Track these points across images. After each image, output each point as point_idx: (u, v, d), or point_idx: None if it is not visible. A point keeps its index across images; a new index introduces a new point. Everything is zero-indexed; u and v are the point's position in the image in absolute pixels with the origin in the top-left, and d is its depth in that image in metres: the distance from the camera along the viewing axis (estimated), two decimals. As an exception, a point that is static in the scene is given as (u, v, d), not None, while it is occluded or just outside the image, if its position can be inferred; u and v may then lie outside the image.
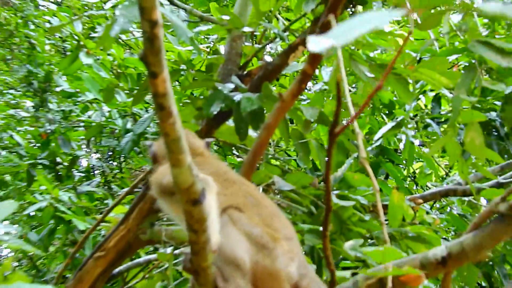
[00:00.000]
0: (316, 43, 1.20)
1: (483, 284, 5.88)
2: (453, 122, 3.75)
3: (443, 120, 5.68)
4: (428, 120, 5.63)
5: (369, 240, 4.36)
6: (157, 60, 1.84)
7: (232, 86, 4.33)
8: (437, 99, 5.80)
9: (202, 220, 2.45)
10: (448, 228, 5.35)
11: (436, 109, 5.76)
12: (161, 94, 1.93)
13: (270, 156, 5.54)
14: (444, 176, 6.98)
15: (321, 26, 3.34)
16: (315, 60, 3.38)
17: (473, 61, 3.93)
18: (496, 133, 5.28)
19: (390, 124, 5.53)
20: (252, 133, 4.55)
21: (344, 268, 4.36)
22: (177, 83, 6.07)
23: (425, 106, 6.21)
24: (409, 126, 5.59)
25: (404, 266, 2.92)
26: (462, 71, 3.79)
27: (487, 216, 2.79)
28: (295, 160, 5.60)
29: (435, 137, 5.94)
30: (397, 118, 5.60)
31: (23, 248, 2.77)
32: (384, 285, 2.98)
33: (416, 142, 6.41)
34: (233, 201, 2.98)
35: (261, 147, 3.52)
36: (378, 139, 5.58)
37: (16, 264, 7.72)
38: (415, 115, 5.87)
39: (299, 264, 2.94)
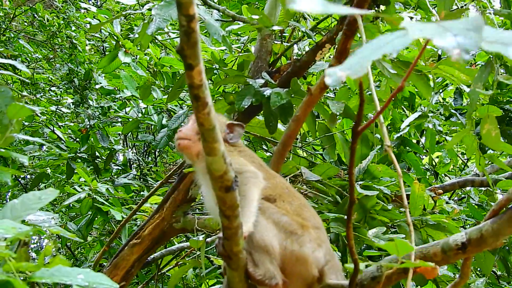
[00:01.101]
0: (333, 76, 1.29)
1: (498, 272, 6.00)
2: (470, 114, 3.92)
3: (464, 111, 5.82)
4: (453, 111, 5.77)
5: (391, 229, 4.53)
6: (193, 53, 2.00)
7: (262, 81, 4.54)
8: (459, 92, 5.95)
9: (234, 207, 2.62)
10: (466, 219, 5.47)
11: (458, 101, 5.91)
12: (196, 85, 2.09)
13: (298, 147, 5.73)
14: (463, 166, 7.10)
15: (347, 24, 3.52)
16: (342, 55, 3.57)
17: (490, 57, 4.09)
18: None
19: (415, 115, 5.69)
20: (281, 126, 4.77)
21: (368, 257, 4.53)
22: (210, 81, 6.28)
23: (443, 99, 6.35)
24: (432, 115, 5.74)
25: (427, 251, 3.09)
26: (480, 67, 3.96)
27: (505, 204, 2.88)
28: (321, 155, 5.77)
29: (454, 127, 6.07)
30: (420, 110, 5.76)
31: (62, 234, 2.95)
32: (407, 269, 3.16)
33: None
34: (272, 192, 3.19)
35: (290, 138, 3.71)
36: (404, 128, 5.72)
37: (55, 254, 7.96)
38: (437, 109, 6.01)
39: (326, 251, 3.14)
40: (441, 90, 6.16)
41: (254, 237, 2.96)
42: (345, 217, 4.14)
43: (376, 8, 4.31)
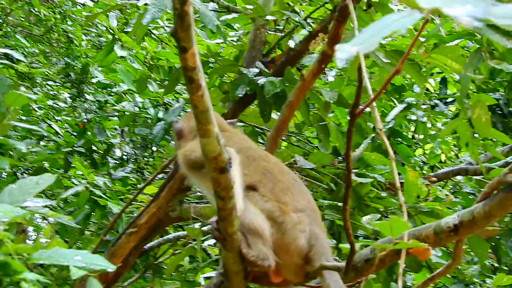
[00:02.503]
0: (343, 51, 1.30)
1: (495, 264, 6.04)
2: (461, 100, 3.96)
3: (449, 100, 5.88)
4: (436, 101, 5.83)
5: (385, 217, 4.57)
6: (187, 36, 2.05)
7: (256, 70, 4.59)
8: (444, 81, 6.01)
9: (228, 187, 2.68)
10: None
11: (443, 90, 5.97)
12: (190, 67, 2.14)
13: (293, 137, 5.78)
14: (453, 156, 7.15)
15: (339, 10, 3.56)
16: (334, 42, 3.62)
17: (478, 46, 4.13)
18: (500, 112, 5.48)
19: (401, 106, 5.74)
20: (275, 116, 4.81)
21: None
22: (205, 74, 6.33)
23: (434, 89, 6.40)
24: (421, 107, 5.79)
25: (420, 234, 3.14)
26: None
27: (496, 187, 2.94)
28: (317, 147, 5.81)
29: (441, 117, 6.12)
30: (406, 101, 5.81)
31: (60, 220, 2.97)
32: (400, 251, 3.21)
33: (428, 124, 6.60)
34: (251, 179, 3.22)
35: (283, 123, 3.76)
36: (390, 121, 5.77)
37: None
38: (423, 99, 6.05)
39: (310, 235, 3.17)
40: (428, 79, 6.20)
41: (244, 219, 3.00)
42: (340, 204, 4.19)
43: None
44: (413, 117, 5.92)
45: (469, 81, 3.84)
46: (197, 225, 4.87)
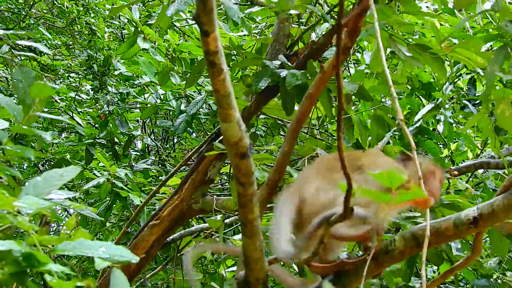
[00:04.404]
0: None
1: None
2: (486, 97, 3.95)
3: (478, 102, 5.85)
4: (465, 102, 5.80)
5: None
6: (209, 19, 2.07)
7: (279, 63, 4.60)
8: (472, 82, 5.97)
9: (249, 173, 2.68)
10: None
11: (471, 91, 5.93)
12: (212, 51, 2.16)
13: (316, 130, 5.78)
14: (479, 153, 7.11)
15: (358, 3, 3.55)
16: (354, 33, 3.61)
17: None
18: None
19: (429, 106, 5.71)
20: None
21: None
22: (228, 67, 6.33)
23: (461, 89, 6.37)
24: (447, 107, 5.76)
25: (439, 226, 3.15)
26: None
27: None
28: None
29: (471, 118, 6.08)
30: (436, 100, 5.79)
31: (83, 212, 2.98)
32: (420, 244, 3.21)
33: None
34: None
35: (303, 115, 3.75)
36: (418, 120, 5.76)
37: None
38: (452, 97, 6.03)
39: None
40: (456, 80, 6.17)
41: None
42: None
43: (392, -8, 4.33)
44: (442, 117, 5.88)
45: (494, 78, 3.82)
46: (218, 217, 4.88)
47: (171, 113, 7.07)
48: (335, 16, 4.71)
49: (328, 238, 2.94)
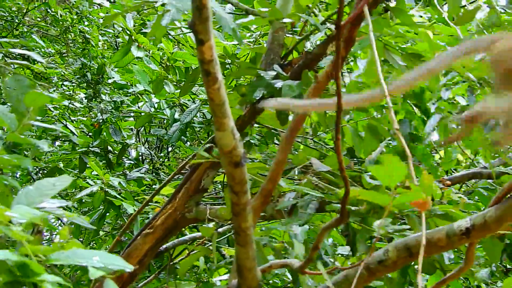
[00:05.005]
0: None
1: (508, 266, 6.03)
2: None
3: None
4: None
5: (400, 220, 4.56)
6: (205, 28, 2.07)
7: (274, 73, 4.59)
8: (470, 89, 5.94)
9: (243, 182, 2.69)
10: (475, 212, 5.48)
11: (471, 98, 5.89)
12: (207, 60, 2.17)
13: (309, 139, 5.77)
14: (468, 164, 7.11)
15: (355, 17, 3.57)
16: (348, 44, 3.62)
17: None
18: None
19: (436, 117, 5.63)
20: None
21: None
22: (222, 76, 6.32)
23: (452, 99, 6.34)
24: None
25: (432, 237, 3.16)
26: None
27: (508, 191, 2.97)
28: (332, 148, 5.80)
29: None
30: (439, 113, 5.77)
31: (75, 221, 2.97)
32: (412, 254, 3.23)
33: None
34: None
35: (297, 124, 3.77)
36: (429, 134, 5.70)
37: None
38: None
39: None
40: (452, 87, 6.16)
41: None
42: (353, 208, 4.19)
43: (386, 2, 4.35)
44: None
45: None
46: (211, 225, 4.86)
47: (165, 121, 7.07)
48: (329, 27, 4.75)
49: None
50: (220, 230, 5.15)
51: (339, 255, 5.26)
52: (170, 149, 8.17)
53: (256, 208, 3.66)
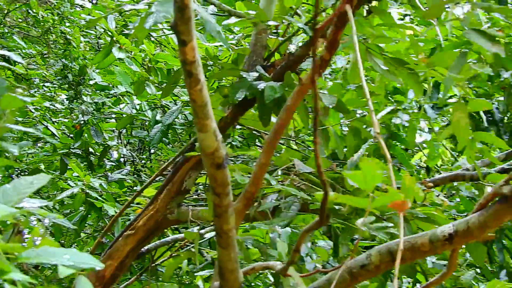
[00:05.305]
0: None
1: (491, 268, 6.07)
2: (443, 102, 3.95)
3: (439, 106, 5.87)
4: (426, 105, 5.83)
5: (383, 221, 4.57)
6: (187, 29, 2.05)
7: (256, 75, 4.59)
8: (436, 86, 5.98)
9: (225, 184, 2.68)
10: (457, 215, 5.51)
11: (435, 94, 5.93)
12: (189, 61, 2.15)
13: (292, 140, 5.78)
14: (453, 160, 7.15)
15: (337, 16, 3.56)
16: (332, 46, 3.61)
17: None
18: (491, 118, 5.51)
19: (388, 109, 5.71)
20: (274, 119, 4.81)
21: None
22: (205, 78, 6.31)
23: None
24: (410, 111, 5.78)
25: (415, 241, 3.16)
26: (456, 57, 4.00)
27: (492, 198, 2.95)
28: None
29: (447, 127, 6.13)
30: (400, 104, 5.80)
31: (54, 220, 2.94)
32: (395, 258, 3.23)
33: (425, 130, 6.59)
34: None
35: (281, 127, 3.75)
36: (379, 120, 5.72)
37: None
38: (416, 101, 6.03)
39: None
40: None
41: None
42: (336, 207, 4.20)
43: (368, 4, 4.35)
44: (398, 121, 5.87)
45: (452, 83, 3.87)
46: (195, 229, 4.86)
47: (147, 123, 7.05)
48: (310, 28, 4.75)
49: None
50: (202, 231, 5.14)
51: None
52: (152, 151, 8.16)
53: (239, 211, 3.64)
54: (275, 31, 5.28)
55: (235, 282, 3.18)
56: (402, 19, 6.33)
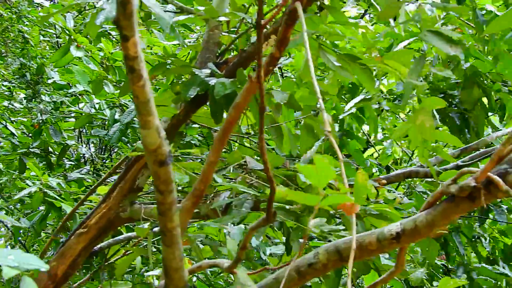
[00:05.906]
0: None
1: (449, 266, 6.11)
2: (404, 106, 3.98)
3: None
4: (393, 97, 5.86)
5: (336, 219, 4.57)
6: (129, 24, 2.03)
7: (208, 71, 4.58)
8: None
9: (168, 181, 2.64)
10: (415, 212, 5.54)
11: (399, 87, 5.95)
12: (132, 57, 2.12)
13: (246, 137, 5.78)
14: (405, 157, 7.20)
15: (288, 14, 3.56)
16: (282, 44, 3.61)
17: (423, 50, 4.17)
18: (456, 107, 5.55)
19: (357, 99, 5.72)
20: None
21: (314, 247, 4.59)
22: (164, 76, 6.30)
23: (386, 88, 6.41)
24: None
25: (363, 240, 3.16)
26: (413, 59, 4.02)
27: (439, 197, 2.97)
28: (273, 149, 5.81)
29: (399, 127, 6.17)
30: (366, 94, 5.82)
31: (13, 223, 2.92)
32: (343, 258, 3.23)
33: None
34: None
35: (230, 124, 3.74)
36: (348, 110, 5.74)
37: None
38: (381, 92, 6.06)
39: None
40: (382, 78, 6.21)
41: None
42: (287, 206, 4.19)
43: (320, 0, 4.35)
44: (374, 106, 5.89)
45: (412, 87, 3.87)
46: (146, 225, 4.83)
47: (106, 122, 7.02)
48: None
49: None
50: (156, 229, 5.11)
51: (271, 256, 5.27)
52: (114, 150, 8.12)
53: (187, 209, 3.63)
54: (233, 28, 5.28)
55: (179, 280, 3.15)
56: (358, 18, 6.36)
